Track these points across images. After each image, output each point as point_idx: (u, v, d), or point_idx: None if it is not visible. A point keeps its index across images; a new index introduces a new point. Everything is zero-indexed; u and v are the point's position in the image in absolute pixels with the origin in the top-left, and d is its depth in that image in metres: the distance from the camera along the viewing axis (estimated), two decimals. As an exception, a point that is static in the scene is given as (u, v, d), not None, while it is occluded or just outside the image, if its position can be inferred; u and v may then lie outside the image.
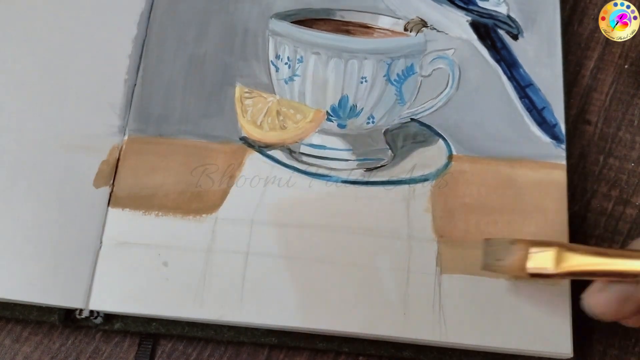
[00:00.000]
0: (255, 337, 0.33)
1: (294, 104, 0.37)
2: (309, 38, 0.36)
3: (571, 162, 0.37)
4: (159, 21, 0.39)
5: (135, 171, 0.35)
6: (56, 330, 0.34)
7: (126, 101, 0.37)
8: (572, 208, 0.36)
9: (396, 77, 0.36)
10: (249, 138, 0.36)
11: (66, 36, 0.38)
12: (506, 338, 0.32)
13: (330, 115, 0.37)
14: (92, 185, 0.34)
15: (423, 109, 0.37)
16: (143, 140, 0.36)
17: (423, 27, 0.39)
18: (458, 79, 0.38)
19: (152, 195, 0.34)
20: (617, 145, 0.39)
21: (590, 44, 0.41)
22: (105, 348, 0.33)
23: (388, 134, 0.37)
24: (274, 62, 0.37)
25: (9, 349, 0.33)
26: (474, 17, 0.39)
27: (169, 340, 0.34)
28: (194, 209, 0.34)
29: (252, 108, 0.37)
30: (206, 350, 0.34)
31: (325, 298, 0.32)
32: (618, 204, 0.37)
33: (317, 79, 0.36)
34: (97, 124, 0.36)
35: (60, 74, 0.37)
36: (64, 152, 0.35)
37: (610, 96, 0.40)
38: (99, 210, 0.34)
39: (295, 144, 0.37)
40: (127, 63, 0.38)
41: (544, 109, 0.37)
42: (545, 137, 0.37)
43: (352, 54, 0.35)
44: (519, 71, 0.38)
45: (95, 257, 0.33)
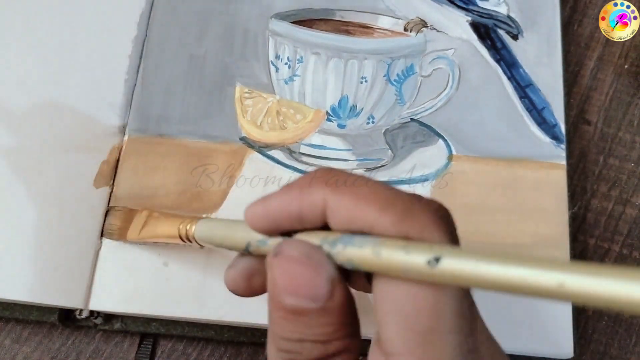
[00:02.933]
0: (255, 337, 0.33)
1: (294, 104, 0.37)
2: (309, 38, 0.36)
3: (571, 162, 0.37)
4: (159, 21, 0.39)
5: (135, 171, 0.35)
6: (56, 330, 0.34)
7: (126, 101, 0.37)
8: (572, 208, 0.36)
9: (396, 77, 0.36)
10: (249, 138, 0.36)
11: (66, 36, 0.38)
12: (507, 338, 0.32)
13: (330, 116, 0.37)
14: (92, 185, 0.34)
15: (423, 109, 0.37)
16: (143, 140, 0.36)
17: (423, 27, 0.39)
18: (458, 79, 0.38)
19: (152, 195, 0.34)
20: (617, 145, 0.39)
21: (590, 44, 0.41)
22: (105, 348, 0.33)
23: (388, 134, 0.37)
24: (273, 62, 0.37)
25: (9, 349, 0.33)
26: (474, 17, 0.39)
27: (169, 340, 0.34)
28: (194, 209, 0.34)
29: (252, 108, 0.37)
30: (206, 350, 0.34)
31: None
32: (618, 204, 0.37)
33: (317, 79, 0.36)
34: (97, 124, 0.36)
35: (60, 73, 0.37)
36: (64, 152, 0.35)
37: (610, 96, 0.40)
38: (99, 210, 0.34)
39: (295, 144, 0.37)
40: (127, 63, 0.38)
41: (544, 109, 0.37)
42: (545, 137, 0.37)
43: (352, 54, 0.35)
44: (519, 71, 0.38)
45: (95, 257, 0.33)
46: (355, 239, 0.20)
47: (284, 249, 0.21)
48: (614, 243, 0.36)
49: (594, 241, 0.36)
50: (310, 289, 0.20)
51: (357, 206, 0.20)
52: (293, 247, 0.21)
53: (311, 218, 0.21)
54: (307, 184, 0.22)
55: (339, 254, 0.21)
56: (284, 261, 0.21)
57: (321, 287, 0.20)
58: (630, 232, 0.37)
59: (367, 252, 0.20)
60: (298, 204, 0.22)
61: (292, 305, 0.20)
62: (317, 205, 0.21)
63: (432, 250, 0.19)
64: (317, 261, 0.21)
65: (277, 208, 0.22)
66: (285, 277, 0.21)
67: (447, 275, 0.18)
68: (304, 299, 0.20)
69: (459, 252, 0.18)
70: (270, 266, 0.21)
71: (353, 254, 0.20)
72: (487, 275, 0.18)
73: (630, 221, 0.37)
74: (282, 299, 0.21)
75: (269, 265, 0.21)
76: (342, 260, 0.21)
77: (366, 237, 0.20)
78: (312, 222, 0.22)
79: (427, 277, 0.19)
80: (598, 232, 0.37)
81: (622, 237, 0.37)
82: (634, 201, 0.37)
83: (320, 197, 0.21)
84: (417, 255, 0.19)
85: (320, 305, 0.20)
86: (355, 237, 0.20)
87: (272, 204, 0.22)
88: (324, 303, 0.20)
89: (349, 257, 0.20)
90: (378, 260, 0.20)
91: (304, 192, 0.22)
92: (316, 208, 0.21)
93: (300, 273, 0.20)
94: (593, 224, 0.37)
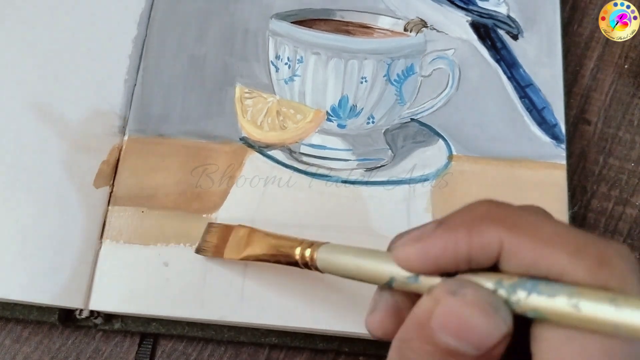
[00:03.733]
0: (255, 337, 0.33)
1: (294, 104, 0.37)
2: (309, 38, 0.36)
3: (571, 162, 0.37)
4: (159, 21, 0.39)
5: (135, 171, 0.35)
6: (56, 330, 0.34)
7: (126, 101, 0.37)
8: (572, 208, 0.36)
9: (396, 77, 0.36)
10: (249, 138, 0.36)
11: (66, 36, 0.38)
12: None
13: (330, 116, 0.37)
14: (92, 185, 0.34)
15: (423, 109, 0.37)
16: (143, 140, 0.36)
17: (423, 27, 0.39)
18: (458, 79, 0.38)
19: (152, 195, 0.34)
20: (617, 145, 0.39)
21: (590, 44, 0.41)
22: (105, 348, 0.33)
23: (388, 134, 0.37)
24: (274, 62, 0.37)
25: (9, 349, 0.33)
26: (474, 17, 0.39)
27: (169, 340, 0.34)
28: (194, 209, 0.34)
29: (252, 108, 0.37)
30: (206, 350, 0.34)
31: (325, 298, 0.32)
32: (618, 204, 0.37)
33: (317, 79, 0.36)
34: (97, 124, 0.36)
35: (60, 73, 0.37)
36: (64, 152, 0.35)
37: (610, 96, 0.40)
38: (99, 210, 0.34)
39: (295, 144, 0.37)
40: (127, 63, 0.38)
41: (544, 109, 0.37)
42: (545, 137, 0.37)
43: (352, 54, 0.35)
44: (519, 71, 0.38)
45: (95, 257, 0.33)
46: (542, 286, 0.18)
47: (461, 291, 0.19)
48: (614, 243, 0.36)
49: (594, 241, 0.36)
50: (480, 338, 0.19)
51: (543, 249, 0.19)
52: (471, 291, 0.19)
53: (481, 260, 0.20)
54: (477, 222, 0.20)
55: (520, 301, 0.19)
56: (461, 303, 0.19)
57: (492, 339, 0.19)
58: (630, 232, 0.37)
59: (562, 303, 0.18)
60: (467, 246, 0.20)
61: (449, 345, 0.19)
62: (491, 247, 0.19)
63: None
64: (495, 309, 0.19)
65: (440, 250, 0.20)
66: (454, 319, 0.19)
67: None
68: (467, 345, 0.19)
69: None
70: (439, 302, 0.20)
71: (541, 304, 0.18)
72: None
73: (630, 221, 0.37)
74: (437, 336, 0.19)
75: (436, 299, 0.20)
76: (524, 309, 0.19)
77: (555, 284, 0.18)
78: (482, 264, 0.20)
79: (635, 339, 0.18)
80: (598, 232, 0.37)
81: (622, 237, 0.36)
82: (634, 201, 0.37)
83: (496, 238, 0.19)
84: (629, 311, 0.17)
85: (481, 354, 0.19)
86: (540, 284, 0.19)
87: (434, 246, 0.21)
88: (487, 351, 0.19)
89: (534, 306, 0.19)
90: (577, 314, 0.18)
91: (474, 232, 0.20)
92: (490, 250, 0.20)
93: (476, 320, 0.19)
94: (593, 224, 0.37)
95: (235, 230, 0.32)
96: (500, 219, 0.20)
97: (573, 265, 0.18)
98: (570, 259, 0.18)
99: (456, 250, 0.20)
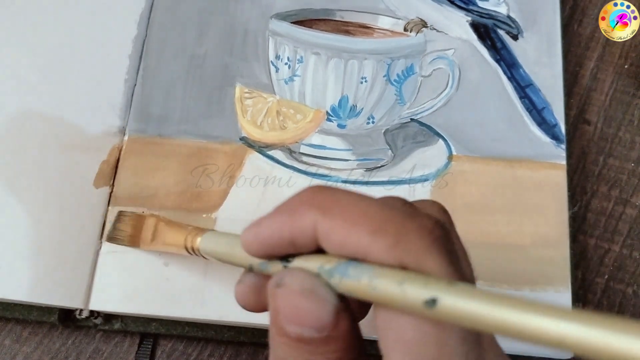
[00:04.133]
0: (255, 337, 0.33)
1: (294, 104, 0.37)
2: (309, 38, 0.36)
3: (571, 162, 0.37)
4: (159, 21, 0.39)
5: (135, 171, 0.35)
6: (56, 330, 0.34)
7: (126, 101, 0.37)
8: (572, 208, 0.36)
9: (396, 77, 0.36)
10: (249, 138, 0.36)
11: (66, 36, 0.38)
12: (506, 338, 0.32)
13: (330, 116, 0.37)
14: (92, 185, 0.34)
15: (423, 109, 0.37)
16: (143, 140, 0.36)
17: (423, 27, 0.39)
18: (458, 79, 0.38)
19: (152, 195, 0.34)
20: (617, 145, 0.39)
21: (590, 44, 0.41)
22: (105, 348, 0.33)
23: (388, 134, 0.37)
24: (274, 62, 0.37)
25: (9, 349, 0.33)
26: (474, 17, 0.39)
27: (169, 340, 0.34)
28: (194, 209, 0.34)
29: (252, 108, 0.37)
30: (206, 350, 0.34)
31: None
32: (618, 204, 0.37)
33: (317, 79, 0.36)
34: (97, 124, 0.36)
35: (60, 73, 0.37)
36: (64, 152, 0.35)
37: (610, 96, 0.40)
38: (99, 210, 0.34)
39: (295, 144, 0.37)
40: (127, 63, 0.38)
41: (544, 109, 0.37)
42: (545, 137, 0.37)
43: (352, 54, 0.35)
44: (519, 71, 0.38)
45: (95, 257, 0.33)
46: (350, 269, 0.19)
47: (285, 281, 0.20)
48: (614, 243, 0.36)
49: (594, 241, 0.36)
50: (314, 321, 0.20)
51: (349, 230, 0.19)
52: (294, 279, 0.20)
53: (304, 243, 0.21)
54: (296, 207, 0.21)
55: (337, 285, 0.20)
56: (287, 293, 0.20)
57: (325, 319, 0.20)
58: (630, 232, 0.37)
59: (364, 285, 0.19)
60: (289, 230, 0.21)
61: (296, 333, 0.20)
62: (307, 230, 0.20)
63: (428, 288, 0.18)
64: (319, 293, 0.20)
65: (268, 234, 0.21)
66: (288, 308, 0.20)
67: (445, 316, 0.17)
68: (309, 330, 0.20)
69: (456, 292, 0.17)
70: (273, 296, 0.20)
71: (351, 287, 0.19)
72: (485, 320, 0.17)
73: (630, 221, 0.37)
74: (285, 327, 0.20)
75: (270, 294, 0.21)
76: (342, 290, 0.20)
77: (361, 266, 0.19)
78: (306, 246, 0.21)
79: (425, 315, 0.18)
80: (598, 232, 0.37)
81: (622, 237, 0.36)
82: (634, 201, 0.37)
83: (310, 221, 0.20)
84: (413, 292, 0.18)
85: (325, 335, 0.20)
86: (350, 267, 0.19)
87: (263, 230, 0.21)
88: (329, 332, 0.20)
89: (347, 289, 0.19)
90: (376, 294, 0.18)
91: (293, 216, 0.20)
92: (307, 233, 0.20)
93: (303, 305, 0.20)
94: (593, 224, 0.37)
95: (146, 220, 0.32)
96: (317, 203, 0.20)
97: (374, 245, 0.19)
98: (370, 238, 0.19)
99: (281, 235, 0.21)
